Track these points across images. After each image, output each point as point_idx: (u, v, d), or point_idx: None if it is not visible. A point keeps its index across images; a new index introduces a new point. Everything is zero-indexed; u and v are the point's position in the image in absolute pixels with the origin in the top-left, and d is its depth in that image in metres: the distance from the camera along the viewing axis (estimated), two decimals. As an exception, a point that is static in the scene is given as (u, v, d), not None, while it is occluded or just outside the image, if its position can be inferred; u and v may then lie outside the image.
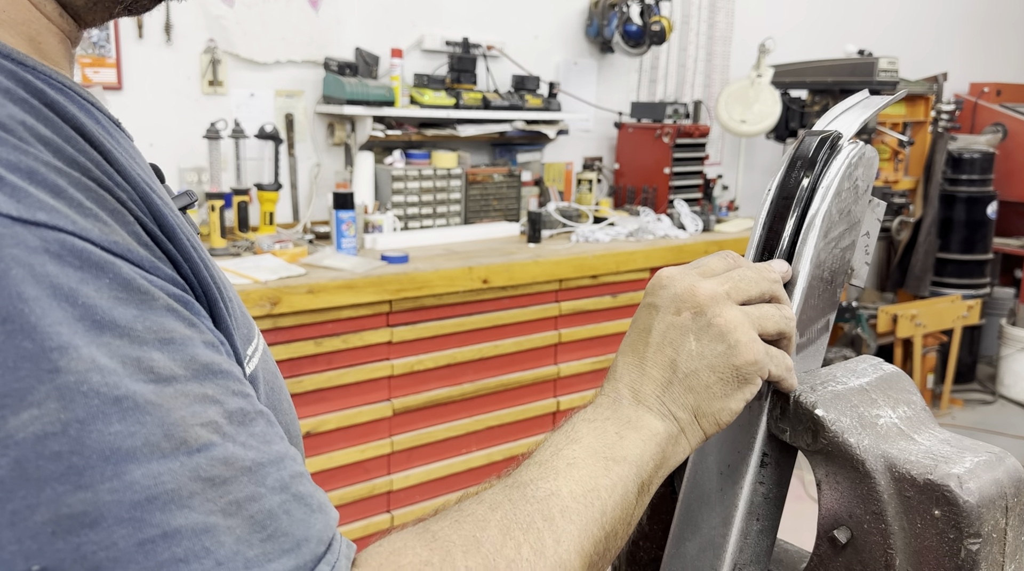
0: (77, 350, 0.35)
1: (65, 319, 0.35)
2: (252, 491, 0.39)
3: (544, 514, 0.48)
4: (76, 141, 0.41)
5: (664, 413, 0.56)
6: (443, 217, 3.29)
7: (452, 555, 0.44)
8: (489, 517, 0.47)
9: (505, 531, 0.47)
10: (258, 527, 0.38)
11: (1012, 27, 6.21)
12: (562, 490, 0.50)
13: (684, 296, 0.58)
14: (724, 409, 0.57)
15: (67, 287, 0.36)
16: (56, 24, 0.48)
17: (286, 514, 0.40)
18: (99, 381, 0.35)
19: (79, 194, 0.39)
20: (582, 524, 0.49)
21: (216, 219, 2.73)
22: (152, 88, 2.86)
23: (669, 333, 0.57)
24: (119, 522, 0.34)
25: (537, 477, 0.50)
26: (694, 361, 0.56)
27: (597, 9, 3.86)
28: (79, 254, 0.37)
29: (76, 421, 0.34)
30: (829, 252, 0.66)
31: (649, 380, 0.57)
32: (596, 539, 0.50)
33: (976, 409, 4.75)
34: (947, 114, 4.95)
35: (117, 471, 0.35)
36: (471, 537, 0.46)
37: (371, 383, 2.55)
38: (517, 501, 0.49)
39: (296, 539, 0.40)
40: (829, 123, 0.69)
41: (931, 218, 4.92)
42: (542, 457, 0.53)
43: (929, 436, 0.60)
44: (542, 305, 2.93)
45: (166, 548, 0.35)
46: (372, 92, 3.06)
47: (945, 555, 0.54)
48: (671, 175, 3.79)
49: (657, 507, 0.77)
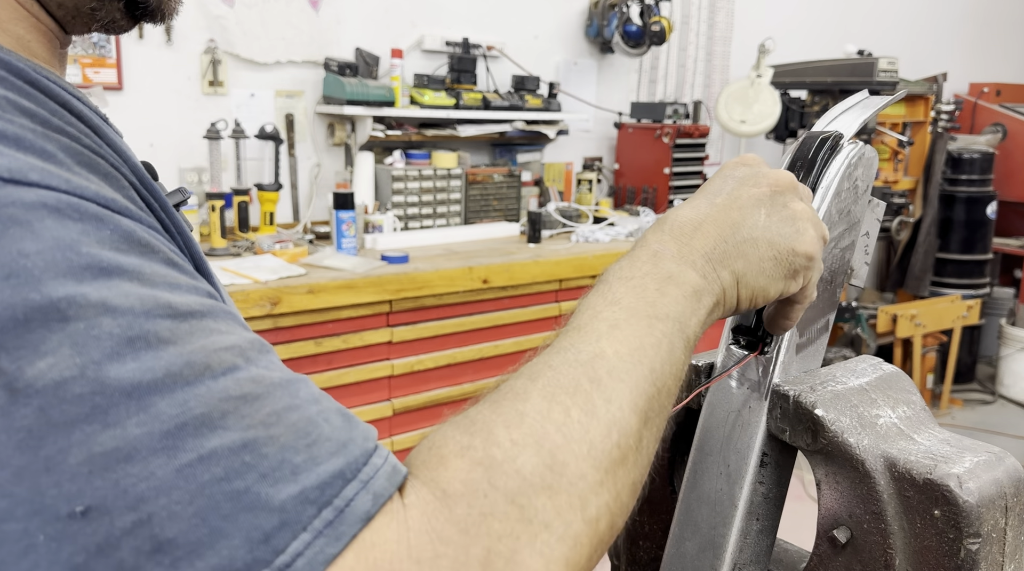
0: (85, 297, 0.35)
1: (70, 269, 0.35)
2: (288, 402, 0.39)
3: (590, 376, 0.45)
4: (62, 114, 0.41)
5: (707, 272, 0.53)
6: (443, 217, 3.30)
7: (494, 433, 0.42)
8: (530, 388, 0.45)
9: (550, 397, 0.44)
10: (302, 434, 0.38)
11: (1012, 27, 6.21)
12: (607, 351, 0.47)
13: (769, 174, 0.57)
14: (766, 288, 0.56)
15: (68, 239, 0.36)
16: (45, 24, 0.49)
17: (326, 421, 0.39)
18: (111, 323, 0.36)
19: (69, 158, 0.39)
20: (632, 382, 0.46)
21: (216, 219, 2.73)
22: (152, 88, 2.86)
23: (741, 198, 0.56)
24: (153, 452, 0.35)
25: (578, 341, 0.48)
26: (758, 230, 0.55)
27: (597, 9, 3.86)
28: (77, 208, 0.37)
29: (92, 363, 0.35)
30: (829, 252, 0.66)
31: (703, 235, 0.54)
32: (649, 396, 0.47)
33: (976, 409, 4.75)
34: (947, 114, 4.95)
35: (142, 404, 0.35)
36: (513, 411, 0.43)
37: (371, 383, 2.55)
38: (559, 367, 0.46)
39: (340, 441, 0.39)
40: (829, 123, 0.69)
41: (931, 218, 4.92)
42: (580, 321, 0.49)
43: (929, 436, 0.60)
44: (542, 305, 2.93)
45: (205, 470, 0.35)
46: (372, 92, 3.06)
47: (945, 555, 0.54)
48: (671, 175, 3.79)
49: (657, 507, 0.77)
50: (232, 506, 0.35)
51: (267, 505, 0.36)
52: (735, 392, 0.66)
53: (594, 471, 0.43)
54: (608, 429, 0.44)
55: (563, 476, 0.42)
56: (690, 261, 0.53)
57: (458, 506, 0.39)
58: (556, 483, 0.41)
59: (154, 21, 0.54)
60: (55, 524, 0.33)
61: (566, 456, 0.42)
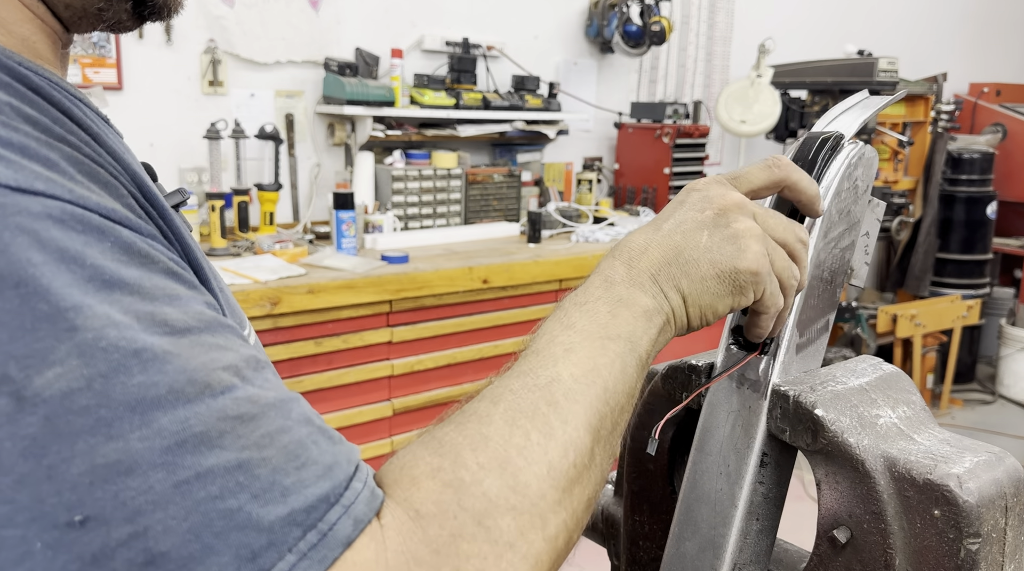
0: (91, 308, 0.36)
1: (75, 280, 0.36)
2: (281, 424, 0.40)
3: (548, 399, 0.48)
4: (64, 122, 0.42)
5: (655, 292, 0.56)
6: (443, 217, 3.30)
7: (462, 456, 0.44)
8: (492, 412, 0.47)
9: (511, 422, 0.47)
10: (292, 456, 0.39)
11: (1012, 27, 6.21)
12: (563, 374, 0.50)
13: (713, 198, 0.59)
14: (712, 306, 0.58)
15: (73, 250, 0.37)
16: (49, 24, 0.49)
17: (314, 444, 0.41)
18: (116, 336, 0.36)
19: (71, 167, 0.40)
20: (587, 403, 0.49)
21: (216, 219, 2.73)
22: (152, 88, 2.86)
23: (685, 224, 0.58)
24: (153, 467, 0.35)
25: (536, 366, 0.50)
26: (699, 252, 0.57)
27: (597, 9, 3.86)
28: (80, 219, 0.38)
29: (99, 375, 0.35)
30: (829, 252, 0.66)
31: (647, 258, 0.57)
32: (602, 415, 0.50)
33: (976, 409, 4.75)
34: (947, 114, 4.95)
35: (145, 419, 0.36)
36: (477, 434, 0.46)
37: (371, 383, 2.55)
38: (519, 391, 0.49)
39: (327, 464, 0.41)
40: (829, 123, 0.69)
41: (931, 218, 4.92)
42: (538, 346, 0.53)
43: (929, 436, 0.60)
44: (542, 305, 2.93)
45: (201, 487, 0.36)
46: (372, 92, 3.06)
47: (945, 555, 0.54)
48: (671, 175, 3.79)
49: (657, 507, 0.77)
50: (224, 524, 0.36)
51: (257, 525, 0.37)
52: (735, 392, 0.66)
53: (553, 491, 0.46)
54: (565, 449, 0.47)
55: (525, 497, 0.44)
56: (639, 283, 0.56)
57: (430, 527, 0.42)
58: (519, 504, 0.44)
59: (160, 19, 0.55)
60: (53, 532, 0.33)
61: (528, 477, 0.45)
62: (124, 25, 0.53)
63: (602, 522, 0.85)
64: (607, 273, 0.57)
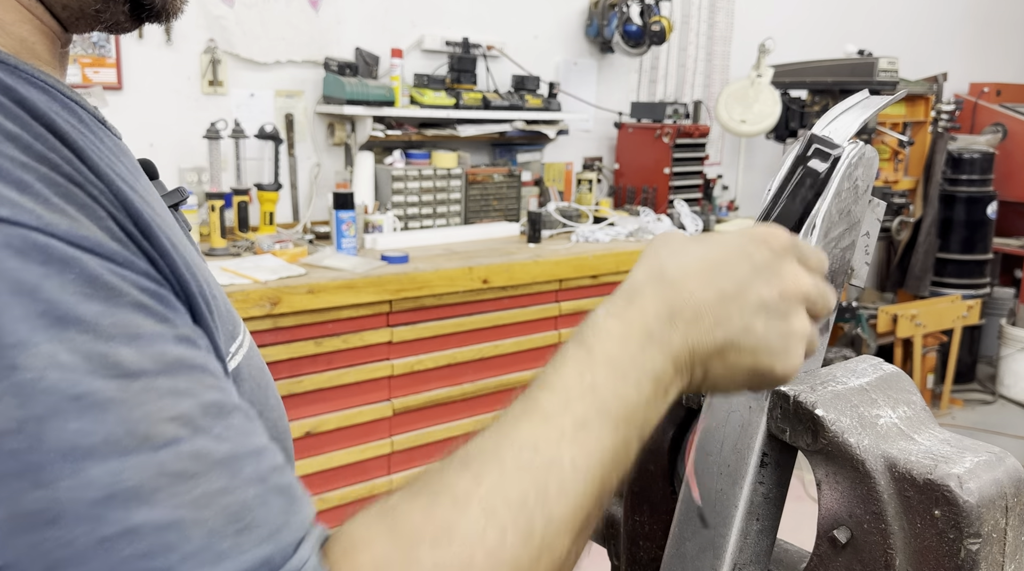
0: (36, 346, 0.35)
1: (25, 315, 0.35)
2: (226, 483, 0.38)
3: (538, 488, 0.44)
4: (46, 138, 0.41)
5: (684, 368, 0.52)
6: (443, 217, 3.29)
7: (416, 551, 0.40)
8: (472, 493, 0.43)
9: (490, 512, 0.42)
10: (233, 519, 0.37)
11: (1012, 27, 6.21)
12: (564, 459, 0.45)
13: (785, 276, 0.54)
14: (726, 389, 0.55)
15: (29, 283, 0.35)
16: (47, 25, 0.49)
17: (263, 505, 0.39)
18: (58, 378, 0.35)
19: (46, 189, 0.38)
20: (579, 500, 0.45)
21: (216, 219, 2.73)
22: (152, 88, 2.86)
23: (748, 295, 0.53)
24: (78, 520, 0.34)
25: (541, 439, 0.46)
26: (750, 341, 0.52)
27: (597, 9, 3.86)
28: (43, 249, 0.36)
29: (33, 419, 0.34)
30: (829, 252, 0.66)
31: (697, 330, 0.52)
32: (589, 512, 0.46)
33: (976, 409, 4.75)
34: (947, 114, 4.95)
35: (76, 469, 0.34)
36: (445, 523, 0.41)
37: (371, 383, 2.55)
38: (510, 471, 0.44)
39: (274, 527, 0.39)
40: (829, 123, 0.69)
41: (931, 218, 4.92)
42: (550, 408, 0.47)
43: (929, 436, 0.60)
44: (542, 305, 2.93)
45: (127, 545, 0.34)
46: (372, 92, 3.06)
47: (945, 555, 0.54)
48: (671, 175, 3.79)
49: (657, 507, 0.77)
50: None
51: None
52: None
53: None
54: (539, 555, 0.43)
55: None
56: (674, 354, 0.51)
57: None
58: None
59: (159, 21, 0.54)
60: None
61: None
62: (122, 26, 0.53)
63: (602, 522, 0.85)
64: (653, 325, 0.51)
